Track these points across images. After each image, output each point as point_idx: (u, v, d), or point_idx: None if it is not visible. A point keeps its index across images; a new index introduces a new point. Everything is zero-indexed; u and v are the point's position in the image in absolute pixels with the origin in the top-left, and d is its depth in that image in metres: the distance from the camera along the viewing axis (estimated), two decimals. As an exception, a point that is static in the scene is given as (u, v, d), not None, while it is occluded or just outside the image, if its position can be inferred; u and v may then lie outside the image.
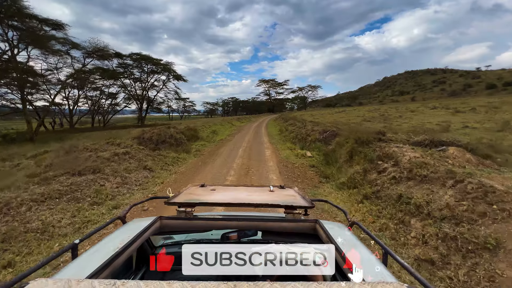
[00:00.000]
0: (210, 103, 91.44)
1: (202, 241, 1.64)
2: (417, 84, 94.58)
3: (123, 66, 34.51)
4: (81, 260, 0.94)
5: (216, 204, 1.42)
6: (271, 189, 1.71)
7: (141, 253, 1.42)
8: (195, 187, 1.77)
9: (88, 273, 0.81)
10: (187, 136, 11.51)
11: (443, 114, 16.94)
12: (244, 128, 22.47)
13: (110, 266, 0.90)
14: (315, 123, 12.99)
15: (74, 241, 0.99)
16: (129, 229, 1.20)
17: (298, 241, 1.29)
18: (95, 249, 1.02)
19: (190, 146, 10.45)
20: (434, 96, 67.15)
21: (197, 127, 14.49)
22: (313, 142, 9.28)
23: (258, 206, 1.35)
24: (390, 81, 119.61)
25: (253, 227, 1.34)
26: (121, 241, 1.05)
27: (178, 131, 10.89)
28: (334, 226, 1.30)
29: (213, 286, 0.63)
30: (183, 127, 12.88)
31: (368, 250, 1.06)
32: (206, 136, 13.98)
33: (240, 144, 11.79)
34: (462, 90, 63.37)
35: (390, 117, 16.99)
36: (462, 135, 7.94)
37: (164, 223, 1.32)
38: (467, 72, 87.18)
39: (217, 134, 15.72)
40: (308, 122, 14.59)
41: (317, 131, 10.09)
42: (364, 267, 0.89)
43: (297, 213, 1.39)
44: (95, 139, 9.04)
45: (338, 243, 1.06)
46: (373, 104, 71.62)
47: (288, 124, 17.76)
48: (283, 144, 11.24)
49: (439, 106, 23.08)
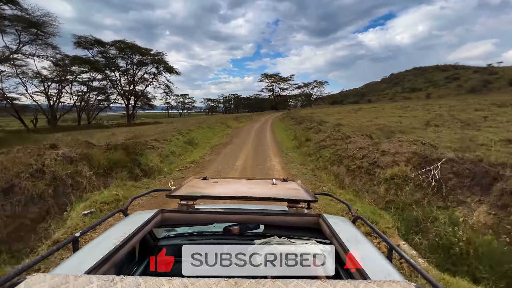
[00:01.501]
0: (211, 100, 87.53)
1: (204, 233, 1.65)
2: (428, 81, 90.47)
3: (107, 57, 30.07)
4: (82, 253, 0.92)
5: (218, 197, 1.39)
6: (273, 182, 1.68)
7: (144, 244, 1.43)
8: (197, 180, 1.73)
9: (88, 267, 0.80)
10: (103, 165, 5.52)
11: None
12: (242, 132, 15.86)
13: (111, 259, 0.89)
14: (357, 130, 8.64)
15: (75, 234, 0.99)
16: (130, 222, 1.17)
17: (301, 235, 1.31)
18: (96, 242, 1.00)
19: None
20: (450, 93, 62.59)
21: (159, 137, 9.02)
22: (399, 187, 4.22)
23: (261, 200, 1.34)
24: (398, 77, 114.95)
25: (256, 221, 1.32)
26: (122, 234, 1.03)
27: (67, 158, 4.80)
28: (337, 220, 1.26)
29: (214, 283, 0.63)
30: (122, 139, 7.87)
31: (373, 245, 1.01)
32: (165, 155, 7.86)
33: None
34: (483, 86, 58.66)
35: (469, 119, 11.10)
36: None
37: (165, 216, 1.30)
38: (482, 68, 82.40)
39: (194, 146, 9.71)
40: (336, 126, 10.18)
41: (402, 156, 4.64)
42: (369, 263, 0.85)
43: (300, 207, 1.35)
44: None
45: (342, 239, 1.02)
46: (383, 101, 67.58)
47: (305, 128, 12.60)
48: (317, 179, 5.82)
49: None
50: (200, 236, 1.64)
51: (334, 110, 29.11)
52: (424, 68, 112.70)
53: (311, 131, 10.68)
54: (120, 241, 0.97)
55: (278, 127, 18.61)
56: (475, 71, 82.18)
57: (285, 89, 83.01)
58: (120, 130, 18.01)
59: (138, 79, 32.70)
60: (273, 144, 10.28)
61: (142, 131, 13.58)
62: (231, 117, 28.50)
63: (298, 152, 8.31)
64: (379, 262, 0.88)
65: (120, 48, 29.59)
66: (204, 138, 12.29)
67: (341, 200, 1.57)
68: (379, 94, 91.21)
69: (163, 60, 32.09)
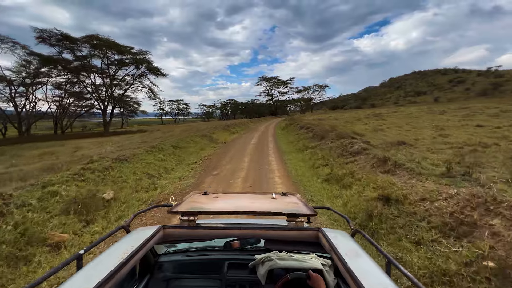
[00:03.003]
0: (207, 106, 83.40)
1: (205, 249, 1.67)
2: (432, 84, 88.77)
3: (79, 56, 25.57)
4: (86, 270, 0.91)
5: (219, 213, 1.34)
6: (273, 196, 1.64)
7: (144, 262, 1.43)
8: (197, 195, 1.69)
9: (93, 285, 0.79)
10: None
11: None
12: (230, 151, 10.59)
13: (115, 277, 0.88)
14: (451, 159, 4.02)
15: (79, 251, 0.99)
16: (132, 239, 1.15)
17: (301, 249, 1.34)
18: (100, 259, 0.98)
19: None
20: (459, 96, 59.38)
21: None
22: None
23: (261, 214, 1.32)
24: (398, 82, 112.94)
25: (256, 236, 1.29)
26: (125, 251, 1.02)
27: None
28: (337, 234, 1.23)
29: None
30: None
31: (371, 260, 1.00)
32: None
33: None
34: (493, 89, 55.70)
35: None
36: None
37: (167, 232, 1.28)
38: (484, 72, 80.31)
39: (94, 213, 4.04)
40: (399, 146, 5.61)
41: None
42: (367, 277, 0.85)
43: (299, 221, 1.32)
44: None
45: (341, 253, 1.02)
46: (387, 105, 64.38)
47: (339, 149, 7.48)
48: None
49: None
50: (201, 252, 1.65)
51: (347, 116, 24.54)
52: (424, 72, 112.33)
53: (361, 162, 5.51)
54: (123, 258, 0.96)
55: (286, 142, 12.84)
56: (478, 74, 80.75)
57: (284, 93, 77.94)
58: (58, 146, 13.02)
59: (117, 82, 28.06)
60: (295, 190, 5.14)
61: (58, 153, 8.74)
62: (221, 125, 23.76)
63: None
64: (377, 276, 0.88)
65: (94, 46, 25.11)
66: (153, 174, 6.67)
67: (341, 214, 1.52)
68: (381, 98, 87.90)
69: (146, 59, 27.56)
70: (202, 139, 13.21)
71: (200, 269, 1.53)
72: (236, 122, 27.91)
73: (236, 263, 1.54)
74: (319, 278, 1.16)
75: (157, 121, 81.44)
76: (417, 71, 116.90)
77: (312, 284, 1.15)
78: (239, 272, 1.49)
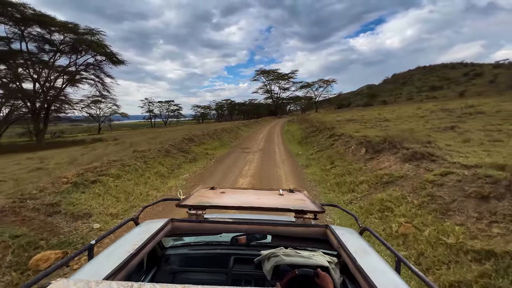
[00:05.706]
0: (201, 107, 74.84)
1: (211, 243, 1.67)
2: (445, 78, 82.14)
3: None
4: (97, 261, 0.92)
5: (227, 208, 1.35)
6: (280, 192, 1.66)
7: (151, 254, 1.43)
8: (205, 190, 1.71)
9: (105, 274, 0.79)
10: None
11: None
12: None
13: (125, 267, 0.89)
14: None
15: (90, 242, 0.99)
16: (141, 231, 1.17)
17: (308, 246, 1.36)
18: (110, 250, 1.00)
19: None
20: (486, 90, 51.67)
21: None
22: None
23: (268, 210, 1.32)
24: (403, 77, 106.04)
25: (263, 231, 1.31)
26: (134, 243, 1.04)
27: None
28: (345, 231, 1.22)
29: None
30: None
31: (380, 257, 0.98)
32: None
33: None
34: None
35: None
36: None
37: (175, 225, 1.30)
38: (501, 64, 73.61)
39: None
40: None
41: None
42: (377, 275, 0.82)
43: (307, 218, 1.33)
44: None
45: (350, 250, 1.01)
46: (400, 102, 56.93)
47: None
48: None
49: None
50: (207, 246, 1.66)
51: (372, 115, 16.31)
52: (430, 67, 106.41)
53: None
54: (133, 249, 0.97)
55: (312, 179, 6.52)
56: (494, 67, 74.47)
57: (286, 89, 65.76)
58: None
59: (50, 72, 19.68)
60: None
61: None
62: (210, 130, 15.62)
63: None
64: (388, 274, 0.86)
65: (16, 21, 16.94)
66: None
67: (348, 212, 1.51)
68: (390, 94, 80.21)
69: (96, 41, 19.32)
70: (159, 167, 5.48)
71: (206, 263, 1.55)
72: (227, 127, 19.57)
73: (242, 258, 1.54)
74: (327, 276, 1.12)
75: (144, 124, 72.94)
76: (422, 66, 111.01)
77: (320, 282, 1.11)
78: (245, 267, 1.50)
